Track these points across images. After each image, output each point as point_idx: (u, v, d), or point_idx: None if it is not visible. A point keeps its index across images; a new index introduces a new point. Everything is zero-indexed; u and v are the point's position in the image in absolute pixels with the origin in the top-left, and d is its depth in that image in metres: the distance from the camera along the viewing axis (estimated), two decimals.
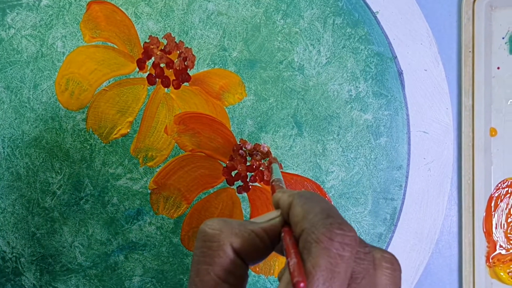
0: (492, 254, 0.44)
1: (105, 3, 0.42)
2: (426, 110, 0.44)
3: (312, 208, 0.22)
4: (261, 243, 0.23)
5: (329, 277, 0.20)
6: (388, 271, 0.23)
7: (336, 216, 0.22)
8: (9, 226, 0.42)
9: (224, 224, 0.24)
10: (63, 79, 0.42)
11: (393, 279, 0.23)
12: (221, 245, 0.23)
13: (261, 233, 0.24)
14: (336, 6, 0.43)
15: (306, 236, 0.21)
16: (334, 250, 0.20)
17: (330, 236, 0.21)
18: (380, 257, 0.23)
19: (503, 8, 0.45)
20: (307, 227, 0.21)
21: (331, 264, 0.20)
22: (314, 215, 0.22)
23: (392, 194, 0.43)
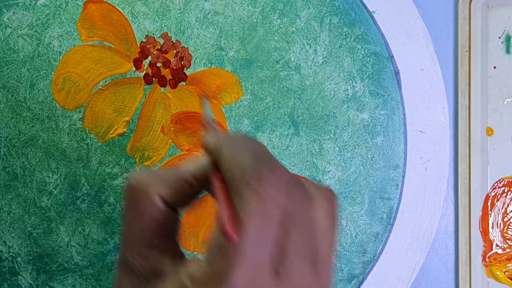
0: (488, 253, 0.44)
1: (102, 3, 0.42)
2: (423, 110, 0.44)
3: (241, 152, 0.21)
4: (190, 189, 0.23)
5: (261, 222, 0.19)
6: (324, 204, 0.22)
7: (267, 158, 0.21)
8: (6, 226, 0.42)
9: (150, 173, 0.23)
10: (60, 79, 0.42)
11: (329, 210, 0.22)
12: (148, 195, 0.22)
13: (190, 179, 0.23)
14: (332, 5, 0.43)
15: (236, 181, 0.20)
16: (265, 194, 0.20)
17: (260, 180, 0.20)
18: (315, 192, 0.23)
19: (499, 7, 0.45)
20: (236, 172, 0.20)
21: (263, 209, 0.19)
22: (243, 159, 0.21)
23: (388, 193, 0.43)
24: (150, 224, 0.22)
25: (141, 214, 0.22)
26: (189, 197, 0.23)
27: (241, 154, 0.21)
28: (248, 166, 0.20)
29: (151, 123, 0.42)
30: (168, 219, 0.22)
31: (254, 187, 0.20)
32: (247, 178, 0.20)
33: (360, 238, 0.43)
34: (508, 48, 0.45)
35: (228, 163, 0.21)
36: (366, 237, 0.43)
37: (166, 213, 0.22)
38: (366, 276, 0.43)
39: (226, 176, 0.21)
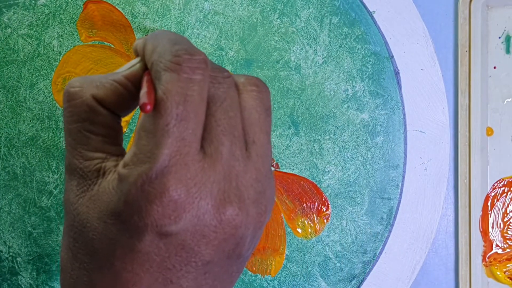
0: (488, 253, 0.44)
1: (102, 3, 0.42)
2: (423, 110, 0.44)
3: (160, 41, 0.22)
4: (125, 91, 0.23)
5: (181, 100, 0.20)
6: (254, 93, 0.23)
7: (184, 42, 0.21)
8: (6, 226, 0.42)
9: (84, 80, 0.23)
10: (60, 79, 0.42)
11: (260, 100, 0.23)
12: (84, 100, 0.23)
13: (123, 81, 0.23)
14: (332, 5, 0.43)
15: (155, 67, 0.21)
16: (184, 75, 0.20)
17: (177, 61, 0.20)
18: (243, 81, 0.23)
19: (499, 7, 0.45)
20: (155, 59, 0.21)
21: (182, 88, 0.20)
22: (162, 46, 0.21)
23: (388, 193, 0.43)
24: (90, 127, 0.23)
25: (78, 116, 0.23)
26: (125, 100, 0.23)
27: (160, 42, 0.22)
28: (166, 51, 0.21)
29: None
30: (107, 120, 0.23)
31: (170, 68, 0.20)
32: (164, 62, 0.21)
33: (360, 238, 0.43)
34: (508, 48, 0.45)
35: (148, 54, 0.22)
36: (366, 237, 0.43)
37: (103, 113, 0.23)
38: (366, 276, 0.43)
39: (149, 66, 0.22)
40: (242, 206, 0.22)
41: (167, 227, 0.20)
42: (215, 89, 0.22)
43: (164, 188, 0.20)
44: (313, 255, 0.43)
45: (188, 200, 0.20)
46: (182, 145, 0.20)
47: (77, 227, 0.22)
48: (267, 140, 0.23)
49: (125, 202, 0.21)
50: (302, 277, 0.43)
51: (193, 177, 0.20)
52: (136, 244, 0.21)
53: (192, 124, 0.20)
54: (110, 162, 0.23)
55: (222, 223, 0.21)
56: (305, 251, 0.43)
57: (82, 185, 0.23)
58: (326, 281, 0.43)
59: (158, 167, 0.20)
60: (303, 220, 0.43)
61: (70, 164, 0.23)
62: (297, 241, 0.43)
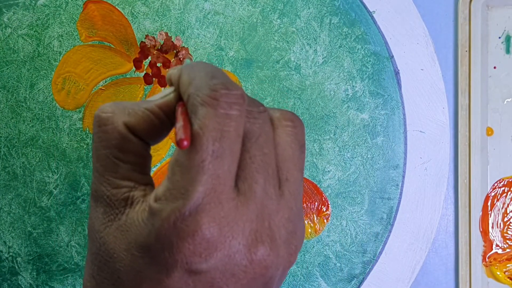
0: (488, 253, 0.44)
1: (102, 3, 0.42)
2: (423, 110, 0.44)
3: (197, 73, 0.21)
4: (156, 120, 0.23)
5: (218, 136, 0.20)
6: (289, 128, 0.23)
7: (221, 77, 0.21)
8: (6, 226, 0.42)
9: (116, 106, 0.23)
10: (60, 79, 0.42)
11: (295, 136, 0.23)
12: (116, 127, 0.22)
13: (156, 110, 0.23)
14: (332, 5, 0.43)
15: (192, 100, 0.21)
16: (221, 110, 0.20)
17: (215, 96, 0.20)
18: (278, 116, 0.23)
19: (499, 7, 0.45)
20: (192, 92, 0.21)
21: (219, 124, 0.20)
22: (199, 79, 0.21)
23: (388, 193, 0.43)
24: (119, 154, 0.22)
25: (110, 145, 0.22)
26: (157, 129, 0.23)
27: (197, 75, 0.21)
28: (203, 84, 0.21)
29: None
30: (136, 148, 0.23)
31: (207, 103, 0.20)
32: (201, 96, 0.20)
33: (360, 238, 0.43)
34: (508, 48, 0.45)
35: (184, 85, 0.22)
36: (366, 237, 0.43)
37: (133, 141, 0.23)
38: (366, 276, 0.43)
39: (185, 98, 0.22)
40: (273, 246, 0.21)
41: (197, 265, 0.20)
42: (251, 124, 0.21)
43: (197, 226, 0.20)
44: (313, 255, 0.43)
45: (220, 239, 0.20)
46: (217, 183, 0.20)
47: (103, 256, 0.22)
48: (300, 177, 0.23)
49: (156, 237, 0.20)
50: (302, 277, 0.43)
51: (227, 216, 0.20)
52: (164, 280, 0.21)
53: (228, 161, 0.20)
54: (138, 192, 0.22)
55: (253, 263, 0.21)
56: (305, 251, 0.43)
57: (109, 213, 0.22)
58: (326, 281, 0.43)
59: (192, 204, 0.20)
60: None
61: (97, 191, 0.23)
62: None
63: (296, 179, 0.22)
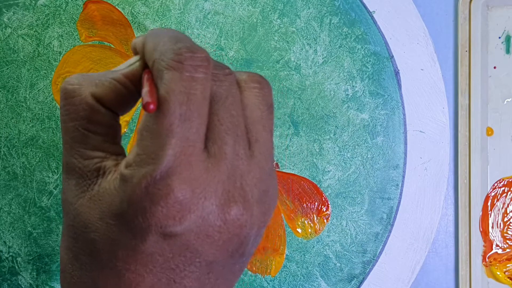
0: (488, 253, 0.44)
1: (102, 3, 0.42)
2: (423, 110, 0.44)
3: (161, 39, 0.21)
4: (124, 89, 0.23)
5: (184, 99, 0.20)
6: (256, 90, 0.23)
7: (185, 40, 0.21)
8: (6, 226, 0.42)
9: (82, 77, 0.23)
10: (60, 79, 0.42)
11: (262, 97, 0.23)
12: (83, 98, 0.22)
13: (122, 79, 0.23)
14: (332, 5, 0.43)
15: (157, 66, 0.21)
16: (186, 73, 0.20)
17: (179, 60, 0.20)
18: (245, 78, 0.23)
19: (499, 7, 0.45)
20: (156, 57, 0.21)
21: (185, 87, 0.20)
22: (163, 44, 0.21)
23: (388, 193, 0.43)
24: (88, 125, 0.22)
25: (78, 117, 0.22)
26: (124, 98, 0.23)
27: (161, 40, 0.21)
28: (167, 49, 0.21)
29: None
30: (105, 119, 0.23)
31: (172, 67, 0.20)
32: (166, 60, 0.20)
33: (360, 238, 0.43)
34: (508, 48, 0.45)
35: (149, 52, 0.22)
36: (366, 237, 0.43)
37: (102, 112, 0.23)
38: (366, 276, 0.43)
39: (150, 65, 0.22)
40: (246, 205, 0.21)
41: (171, 228, 0.20)
42: (217, 87, 0.21)
43: (169, 189, 0.20)
44: (313, 255, 0.43)
45: (193, 200, 0.20)
46: (186, 145, 0.20)
47: (78, 227, 0.22)
48: (269, 138, 0.23)
49: (129, 203, 0.20)
50: (302, 277, 0.43)
51: (198, 178, 0.20)
52: (139, 245, 0.21)
53: (196, 124, 0.20)
54: (109, 161, 0.22)
55: (226, 223, 0.21)
56: (305, 251, 0.43)
57: (82, 185, 0.22)
58: (326, 281, 0.43)
59: (162, 168, 0.20)
60: (303, 220, 0.43)
61: (68, 163, 0.23)
62: (297, 241, 0.43)
63: (265, 139, 0.23)
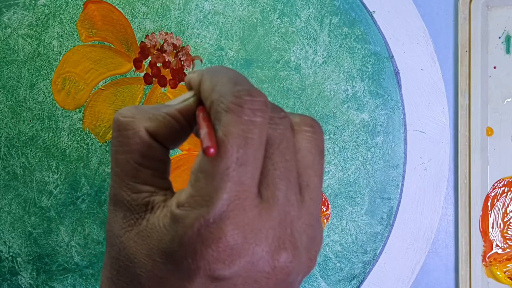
0: (488, 253, 0.44)
1: (102, 3, 0.42)
2: (423, 110, 0.44)
3: (219, 79, 0.21)
4: (177, 124, 0.23)
5: (242, 143, 0.20)
6: (309, 134, 0.23)
7: (245, 83, 0.21)
8: (6, 226, 0.42)
9: (136, 110, 0.23)
10: (60, 79, 0.42)
11: (314, 142, 0.23)
12: (137, 131, 0.22)
13: (176, 115, 0.23)
14: (332, 5, 0.43)
15: (216, 107, 0.21)
16: (245, 117, 0.20)
17: (239, 103, 0.20)
18: (298, 121, 0.23)
19: (499, 7, 0.45)
20: (215, 98, 0.21)
21: (243, 131, 0.20)
22: (222, 85, 0.21)
23: (388, 193, 0.43)
24: (140, 159, 0.22)
25: (128, 147, 0.22)
26: (177, 134, 0.23)
27: (219, 80, 0.21)
28: (227, 91, 0.21)
29: None
30: (156, 153, 0.23)
31: (232, 110, 0.20)
32: (225, 102, 0.20)
33: (360, 238, 0.43)
34: (508, 48, 0.45)
35: (207, 91, 0.22)
36: (366, 237, 0.43)
37: (154, 147, 0.23)
38: (366, 276, 0.43)
39: (207, 104, 0.22)
40: (295, 253, 0.21)
41: (220, 272, 0.20)
42: (272, 130, 0.21)
43: (221, 233, 0.20)
44: None
45: (244, 246, 0.20)
46: (241, 190, 0.20)
47: (123, 261, 0.22)
48: (320, 183, 0.23)
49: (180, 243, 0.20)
50: None
51: (250, 223, 0.20)
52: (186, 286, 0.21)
53: (252, 168, 0.20)
54: (158, 196, 0.22)
55: (275, 269, 0.21)
56: None
57: (129, 218, 0.22)
58: (326, 281, 0.43)
59: (216, 212, 0.20)
60: None
61: (116, 195, 0.23)
62: None
63: (316, 185, 0.22)
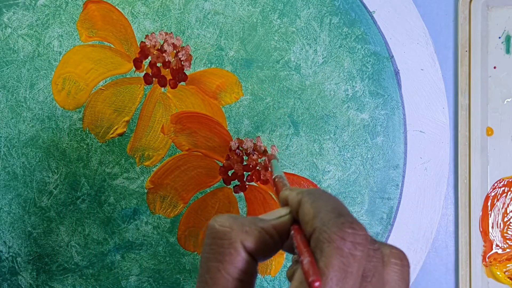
0: (488, 253, 0.44)
1: (102, 3, 0.42)
2: (423, 110, 0.44)
3: (322, 207, 0.22)
4: (271, 240, 0.23)
5: (342, 276, 0.20)
6: (397, 267, 0.23)
7: (347, 215, 0.22)
8: (6, 226, 0.42)
9: (234, 221, 0.23)
10: (60, 79, 0.42)
11: (402, 275, 0.23)
12: (232, 243, 0.23)
13: (271, 231, 0.23)
14: (332, 5, 0.43)
15: (318, 235, 0.21)
16: (347, 250, 0.20)
17: (342, 236, 0.20)
18: (388, 253, 0.23)
19: (499, 7, 0.45)
20: (318, 226, 0.21)
21: (344, 264, 0.20)
22: (325, 214, 0.21)
23: (388, 193, 0.43)
24: (231, 270, 0.23)
25: (224, 260, 0.23)
26: (269, 249, 0.24)
27: (322, 208, 0.22)
28: (331, 221, 0.21)
29: (151, 123, 0.42)
30: (248, 267, 0.23)
31: (336, 243, 0.20)
32: (329, 233, 0.21)
33: None
34: (508, 48, 0.45)
35: (308, 216, 0.22)
36: None
37: (247, 260, 0.23)
38: None
39: (306, 228, 0.22)
40: None
41: None
42: (367, 262, 0.22)
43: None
44: None
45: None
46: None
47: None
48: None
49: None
50: None
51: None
52: None
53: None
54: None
55: None
56: None
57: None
58: None
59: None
60: None
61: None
62: None
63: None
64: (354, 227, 0.21)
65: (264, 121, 0.43)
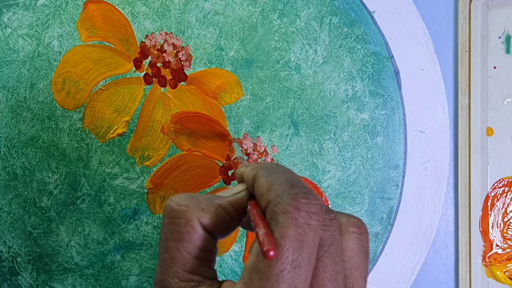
0: (488, 253, 0.44)
1: (102, 3, 0.42)
2: (423, 110, 0.44)
3: (276, 179, 0.22)
4: (228, 217, 0.23)
5: (298, 246, 0.20)
6: (355, 235, 0.23)
7: (301, 185, 0.22)
8: (6, 226, 0.42)
9: (190, 199, 0.23)
10: (60, 79, 0.42)
11: (360, 243, 0.23)
12: (189, 221, 0.23)
13: (228, 207, 0.24)
14: (332, 5, 0.43)
15: (273, 207, 0.21)
16: (301, 220, 0.20)
17: (296, 206, 0.20)
18: (346, 222, 0.23)
19: (499, 7, 0.45)
20: (273, 198, 0.21)
21: (299, 234, 0.20)
22: (279, 186, 0.22)
23: (388, 193, 0.43)
24: (190, 248, 0.23)
25: (182, 238, 0.23)
26: (226, 225, 0.24)
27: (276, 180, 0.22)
28: (285, 193, 0.21)
29: (151, 123, 0.42)
30: (206, 244, 0.23)
31: (290, 213, 0.21)
32: (283, 204, 0.21)
33: None
34: (508, 48, 0.45)
35: (263, 189, 0.22)
36: None
37: (204, 237, 0.23)
38: None
39: (261, 201, 0.22)
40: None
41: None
42: (323, 232, 0.22)
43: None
44: None
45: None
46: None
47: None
48: (364, 285, 0.23)
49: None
50: None
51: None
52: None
53: (305, 271, 0.20)
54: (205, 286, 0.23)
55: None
56: None
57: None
58: None
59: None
60: None
61: (163, 281, 0.23)
62: None
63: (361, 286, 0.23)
64: (308, 197, 0.21)
65: (264, 121, 0.43)
